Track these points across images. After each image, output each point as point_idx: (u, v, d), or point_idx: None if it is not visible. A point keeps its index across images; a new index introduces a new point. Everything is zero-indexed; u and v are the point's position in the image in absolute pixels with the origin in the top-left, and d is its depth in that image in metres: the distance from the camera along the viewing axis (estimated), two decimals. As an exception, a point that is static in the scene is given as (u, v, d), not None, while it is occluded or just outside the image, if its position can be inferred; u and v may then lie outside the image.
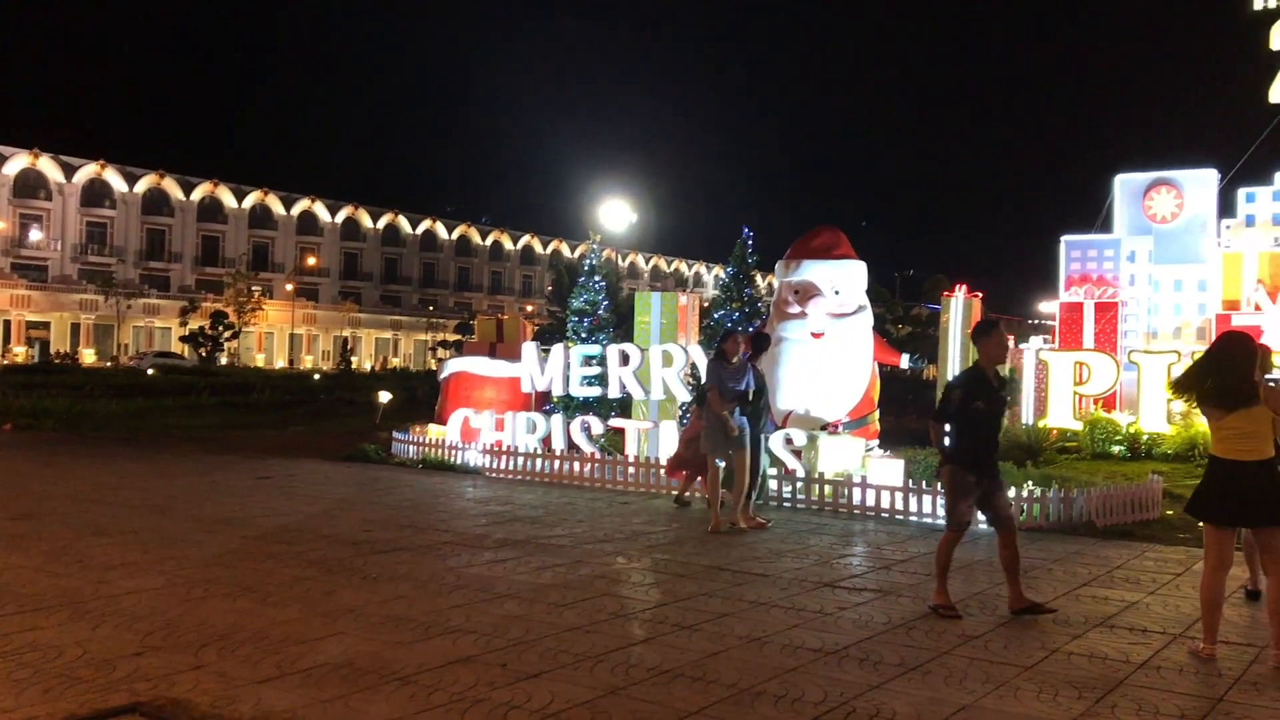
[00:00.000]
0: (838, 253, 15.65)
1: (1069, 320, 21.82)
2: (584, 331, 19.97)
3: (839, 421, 15.02)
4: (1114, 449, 18.34)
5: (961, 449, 7.76)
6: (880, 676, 6.09)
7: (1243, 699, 5.81)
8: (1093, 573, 9.37)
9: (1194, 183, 21.95)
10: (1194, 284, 21.61)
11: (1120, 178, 22.68)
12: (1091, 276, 22.36)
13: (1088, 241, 22.74)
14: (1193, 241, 21.74)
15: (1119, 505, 12.29)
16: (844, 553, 10.25)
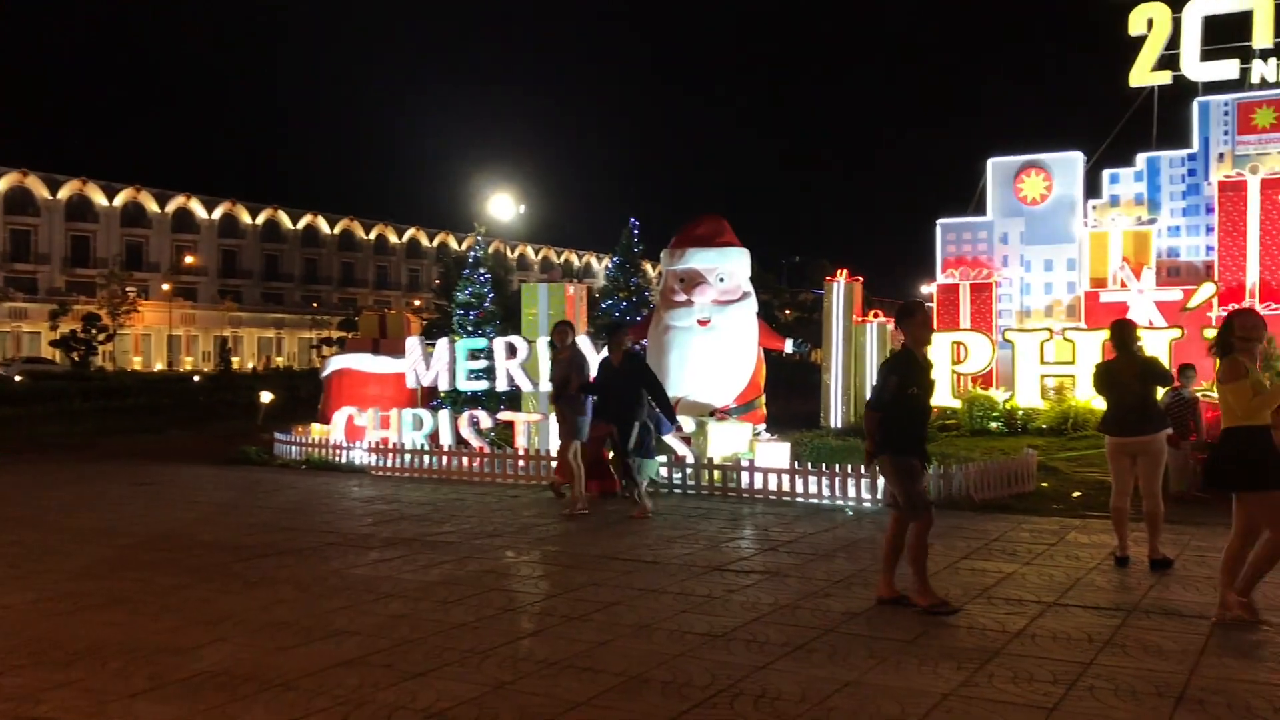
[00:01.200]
0: (721, 240, 15.78)
1: (946, 301, 22.42)
2: (470, 325, 19.77)
3: (727, 407, 15.17)
4: (992, 425, 18.91)
5: (901, 435, 7.45)
6: (766, 657, 6.17)
7: (1110, 662, 6.03)
8: (971, 546, 9.65)
9: (1061, 165, 22.73)
10: (1063, 263, 22.39)
11: (992, 161, 23.34)
12: (966, 258, 23.00)
13: (962, 224, 23.37)
14: (1061, 222, 22.51)
15: (996, 479, 12.67)
16: (732, 536, 10.35)
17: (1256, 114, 20.99)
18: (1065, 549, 9.51)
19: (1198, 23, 21.47)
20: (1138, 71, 22.02)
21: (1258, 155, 20.84)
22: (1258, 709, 5.19)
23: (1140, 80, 22.01)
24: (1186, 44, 21.52)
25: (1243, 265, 20.13)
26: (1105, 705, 5.28)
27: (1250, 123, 21.05)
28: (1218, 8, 21.43)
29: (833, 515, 11.61)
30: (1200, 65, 21.46)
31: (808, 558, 9.20)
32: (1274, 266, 19.83)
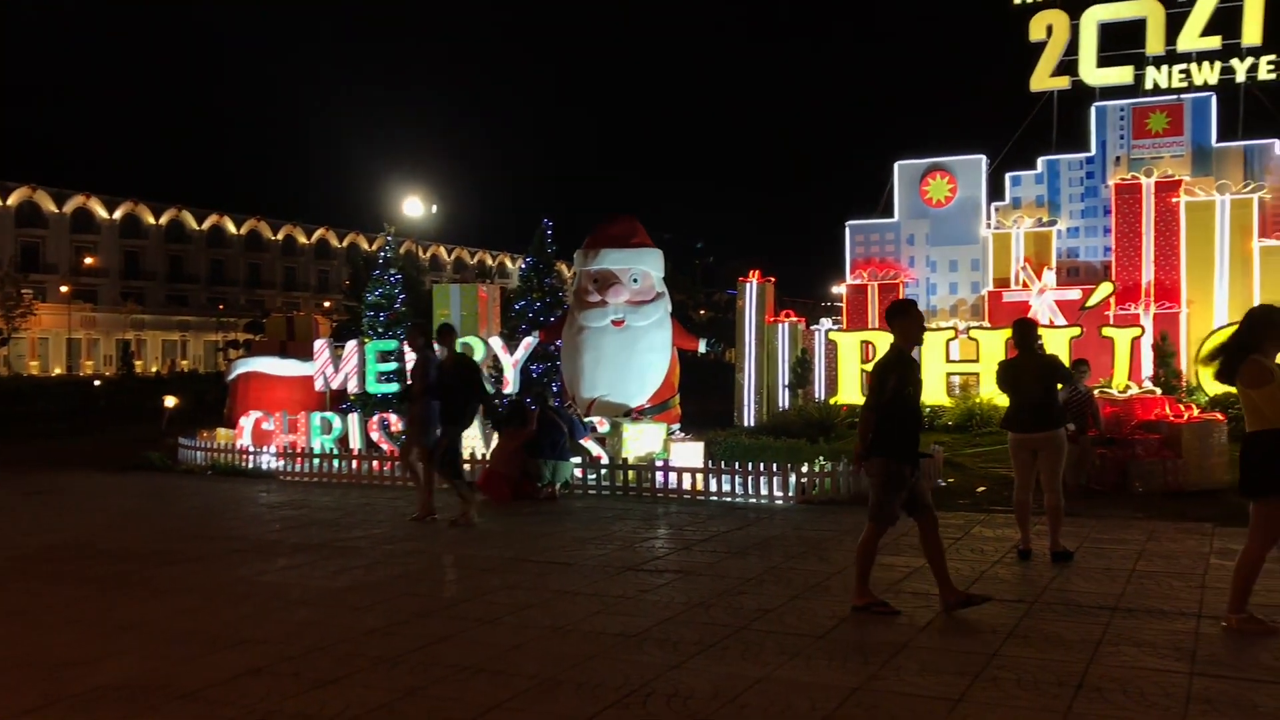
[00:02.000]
0: (635, 241, 15.82)
1: (855, 301, 22.79)
2: (380, 326, 19.51)
3: (641, 407, 15.21)
4: (900, 423, 19.24)
5: (895, 440, 7.20)
6: (680, 656, 6.20)
7: (1014, 651, 6.19)
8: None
9: (965, 168, 23.26)
10: (968, 264, 22.92)
11: (899, 164, 23.79)
12: (875, 259, 23.41)
13: (870, 226, 23.78)
14: (965, 224, 23.03)
15: (904, 476, 12.89)
16: (647, 536, 10.38)
17: (1150, 119, 21.72)
18: (970, 543, 9.73)
19: (1094, 30, 22.14)
20: (1038, 76, 22.62)
21: (1152, 159, 21.56)
22: (1151, 695, 5.37)
23: (1040, 85, 22.62)
24: (1084, 50, 22.17)
25: (1138, 265, 20.81)
26: (1008, 695, 5.41)
27: (1145, 127, 21.77)
28: (1113, 15, 22.12)
29: (746, 513, 11.71)
30: (1097, 71, 22.12)
31: (721, 556, 9.27)
32: (1168, 267, 20.54)
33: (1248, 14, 20.99)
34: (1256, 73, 20.97)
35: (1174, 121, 21.53)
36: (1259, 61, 20.97)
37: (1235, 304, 19.79)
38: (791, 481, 12.47)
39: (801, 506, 12.15)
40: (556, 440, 13.13)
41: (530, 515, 11.81)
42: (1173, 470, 12.57)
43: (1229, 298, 19.94)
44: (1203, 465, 12.71)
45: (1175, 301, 20.11)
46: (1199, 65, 21.32)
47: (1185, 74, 21.43)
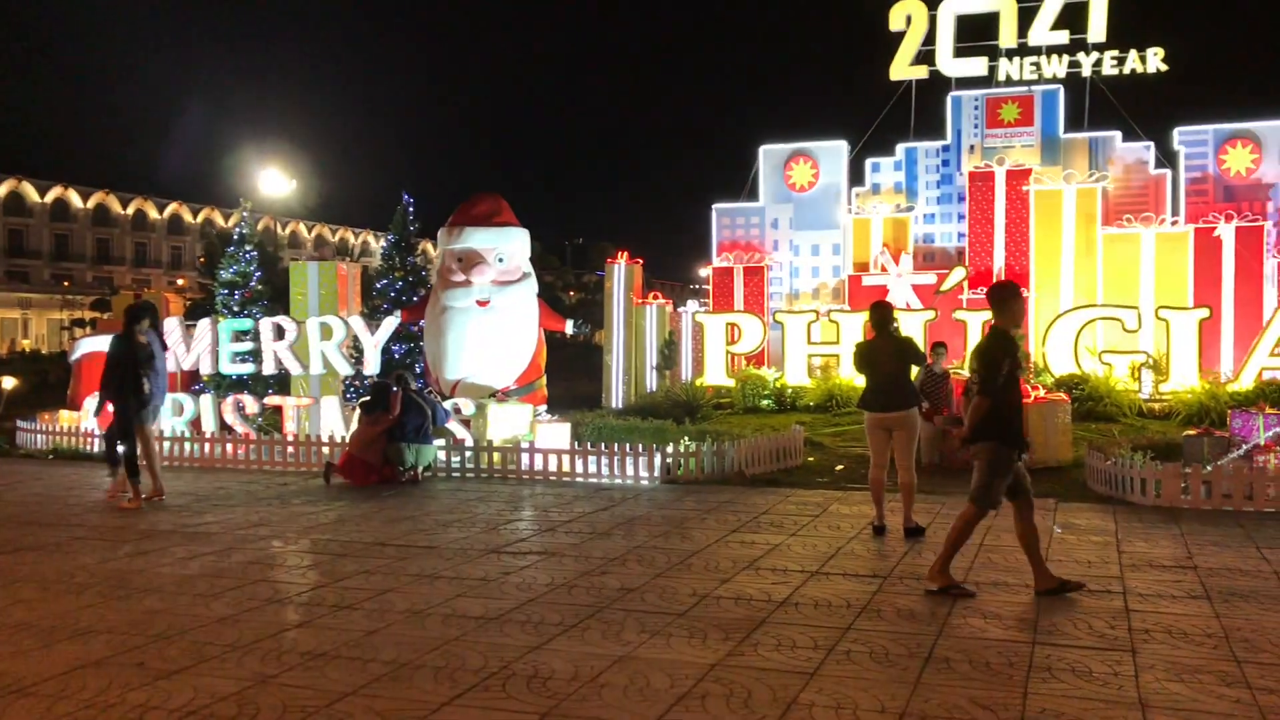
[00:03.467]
0: (500, 220, 15.63)
1: (721, 284, 23.05)
2: (235, 305, 18.87)
3: (507, 388, 15.08)
4: (763, 403, 19.58)
5: (1005, 424, 7.05)
6: (541, 637, 6.16)
7: (867, 625, 6.35)
8: (741, 519, 9.95)
9: (827, 154, 23.71)
10: (829, 248, 23.40)
11: (763, 149, 24.11)
12: (740, 242, 23.70)
13: (736, 209, 24.06)
14: (827, 209, 23.50)
15: (766, 455, 13.13)
16: (511, 518, 10.30)
17: (1003, 109, 22.50)
18: (828, 520, 9.94)
19: (951, 21, 22.79)
20: (897, 65, 23.18)
21: (1004, 148, 22.35)
22: (996, 665, 5.57)
23: (900, 74, 23.19)
24: (941, 41, 22.81)
25: (990, 251, 21.57)
26: (861, 668, 5.54)
27: (998, 117, 22.54)
28: (969, 7, 22.80)
29: (612, 494, 11.73)
30: (953, 61, 22.79)
31: (585, 537, 9.26)
32: (1018, 253, 21.34)
33: (1093, 11, 21.91)
34: (1101, 67, 21.91)
35: (1025, 112, 22.35)
36: (1103, 57, 21.92)
37: (1080, 289, 20.71)
38: (657, 462, 12.55)
39: (667, 486, 12.24)
40: (419, 424, 12.92)
41: (391, 499, 11.60)
42: (1020, 448, 13.06)
43: (1074, 283, 20.84)
44: (1048, 444, 13.27)
45: (1025, 286, 20.92)
46: (1048, 58, 22.17)
47: (1036, 67, 22.25)
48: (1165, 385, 17.87)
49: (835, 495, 11.44)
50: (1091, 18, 21.90)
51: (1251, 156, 20.75)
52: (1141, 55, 21.75)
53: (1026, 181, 21.25)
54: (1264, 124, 20.99)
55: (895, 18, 23.11)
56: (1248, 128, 21.03)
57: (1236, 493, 10.26)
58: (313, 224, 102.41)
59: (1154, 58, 21.69)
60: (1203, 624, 6.29)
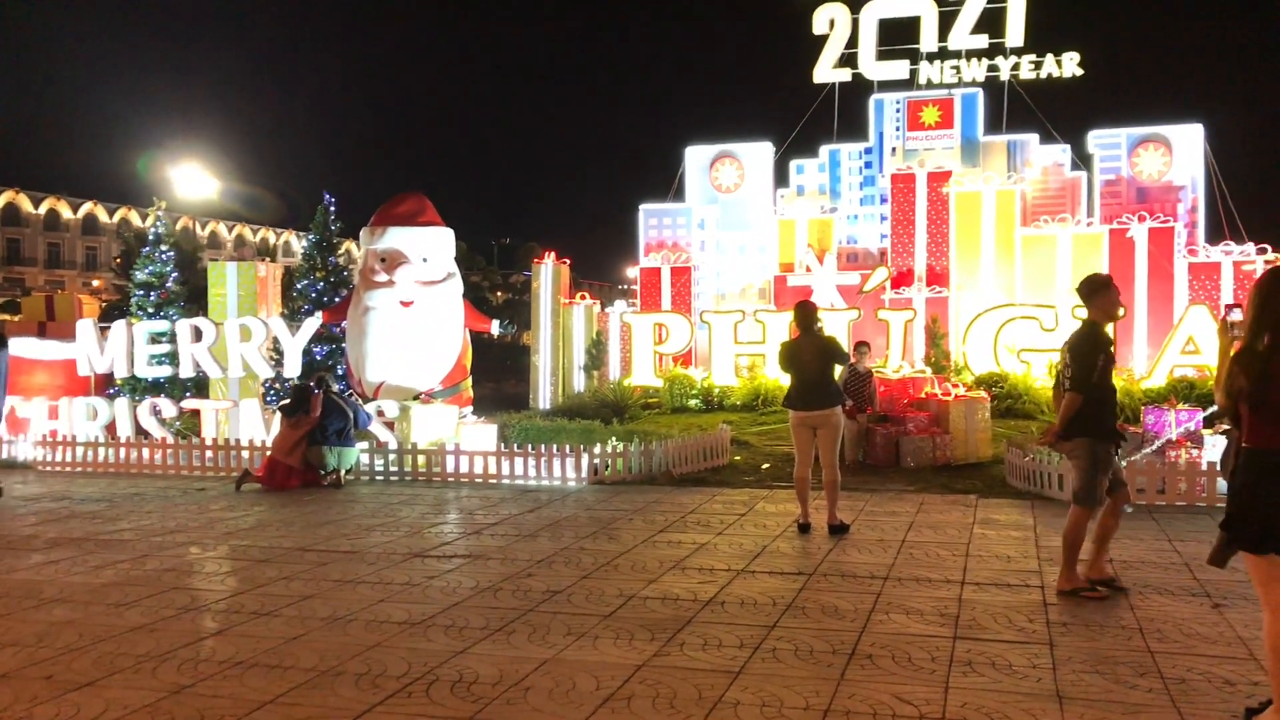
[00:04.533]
0: (424, 219, 15.46)
1: (649, 284, 23.07)
2: (151, 306, 18.42)
3: (432, 390, 14.92)
4: (691, 403, 19.64)
5: (1100, 419, 6.94)
6: (465, 642, 6.09)
7: (793, 623, 6.38)
8: (669, 519, 9.95)
9: (753, 155, 23.86)
10: (755, 248, 23.54)
11: (689, 150, 24.19)
12: (668, 243, 23.74)
13: (663, 210, 24.10)
14: (754, 209, 23.64)
15: (693, 454, 13.16)
16: (436, 521, 10.18)
17: (924, 112, 22.85)
18: (754, 518, 9.99)
19: (874, 24, 23.08)
20: (821, 68, 23.41)
21: (925, 150, 22.68)
22: (918, 660, 5.63)
23: (823, 76, 23.42)
24: (864, 44, 23.09)
25: (911, 252, 21.87)
26: (786, 665, 5.56)
27: (919, 120, 22.88)
28: (891, 11, 23.10)
29: (539, 495, 11.66)
30: (875, 64, 23.08)
31: (512, 539, 9.18)
32: (939, 253, 21.67)
33: (1010, 16, 22.34)
34: (1019, 71, 22.35)
35: (945, 115, 22.71)
36: (1021, 61, 22.37)
37: (1000, 288, 21.09)
38: (584, 463, 12.50)
39: (594, 487, 12.21)
40: (340, 427, 12.73)
41: (313, 503, 11.40)
42: (941, 446, 13.29)
43: (994, 282, 21.23)
44: (968, 440, 13.49)
45: (945, 286, 21.26)
46: (968, 62, 22.55)
47: (956, 70, 22.62)
48: (1082, 382, 18.27)
49: (761, 494, 11.50)
50: (1009, 22, 22.33)
51: (1163, 159, 21.33)
52: (1058, 59, 22.23)
53: (947, 183, 21.60)
54: (1174, 127, 21.59)
55: (818, 20, 23.34)
56: (1159, 131, 21.61)
57: (1149, 487, 10.53)
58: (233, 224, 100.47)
59: (1070, 62, 22.18)
60: (1117, 615, 6.43)
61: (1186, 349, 17.80)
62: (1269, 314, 4.56)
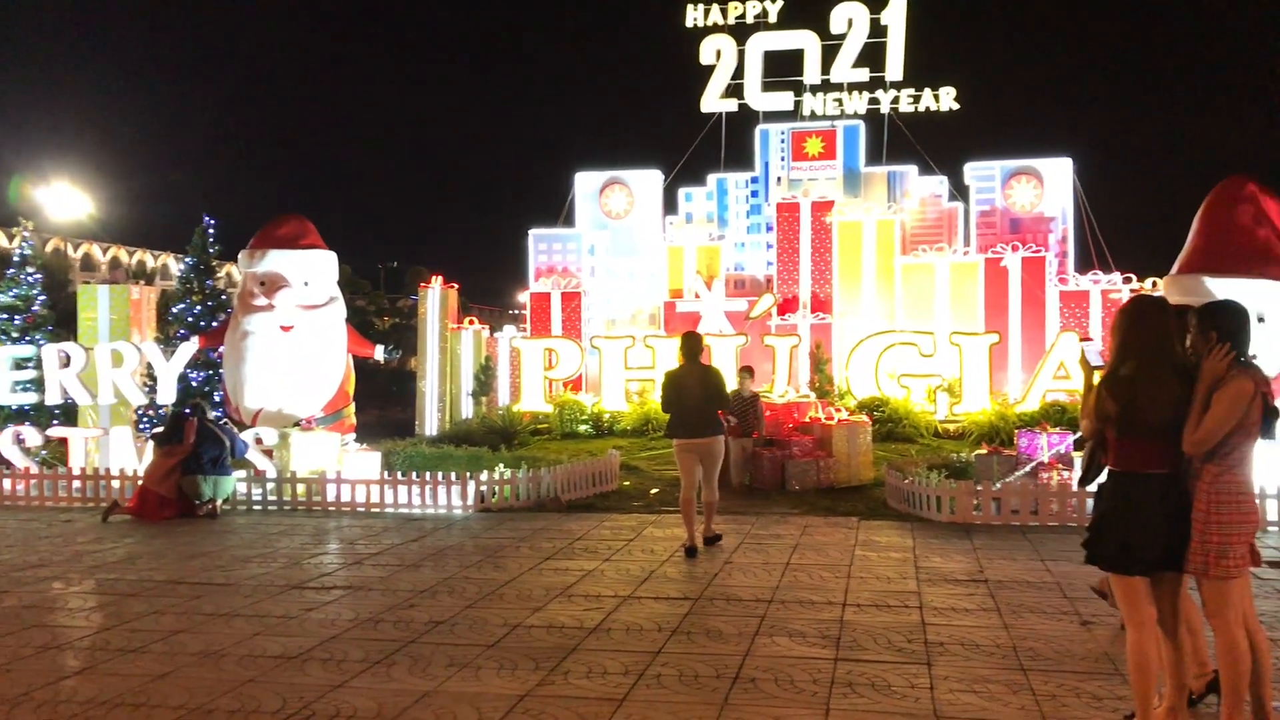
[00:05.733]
0: (305, 242, 15.12)
1: (539, 309, 22.97)
2: (15, 331, 17.62)
3: (313, 417, 14.56)
4: (581, 428, 19.57)
5: None
6: (344, 675, 5.93)
7: (678, 648, 6.37)
8: (556, 546, 9.88)
9: (642, 182, 24.01)
10: (645, 274, 23.63)
11: (579, 175, 24.20)
12: (558, 268, 23.70)
13: (553, 235, 24.06)
14: (643, 235, 23.77)
15: (581, 480, 13.11)
16: (315, 552, 9.92)
17: (808, 142, 23.30)
18: (642, 544, 9.98)
19: (759, 56, 23.48)
20: (708, 97, 23.71)
21: (809, 180, 23.12)
22: (800, 682, 5.67)
23: (710, 106, 23.72)
24: (749, 75, 23.46)
25: (797, 279, 22.25)
26: (670, 692, 5.55)
27: (803, 150, 23.32)
28: (776, 44, 23.53)
29: (423, 524, 11.46)
30: (761, 95, 23.46)
31: (394, 569, 9.00)
32: (822, 281, 22.08)
33: (890, 51, 22.97)
34: (898, 104, 22.98)
35: (828, 146, 23.21)
36: (900, 94, 23.00)
37: (881, 315, 21.57)
38: (471, 490, 12.34)
39: (481, 515, 12.05)
40: (216, 455, 12.34)
41: (186, 535, 11.01)
42: (825, 469, 13.49)
43: (875, 309, 21.72)
44: (850, 464, 13.73)
45: (829, 312, 21.67)
46: (850, 95, 23.09)
47: (839, 102, 23.14)
48: (959, 407, 18.76)
49: (649, 519, 11.50)
50: (889, 57, 22.95)
51: (1035, 191, 22.12)
52: (935, 94, 22.92)
53: (830, 213, 22.04)
54: (1045, 161, 22.42)
55: (705, 51, 23.65)
56: (1031, 164, 22.42)
57: (1023, 508, 10.85)
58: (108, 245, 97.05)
59: (946, 96, 22.89)
60: (992, 635, 6.59)
61: (1058, 374, 18.43)
62: (1134, 340, 4.76)
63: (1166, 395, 4.62)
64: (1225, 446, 4.54)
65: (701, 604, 7.51)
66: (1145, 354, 4.71)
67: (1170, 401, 4.61)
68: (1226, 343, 4.59)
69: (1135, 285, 19.86)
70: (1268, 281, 11.49)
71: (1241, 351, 4.63)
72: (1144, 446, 4.66)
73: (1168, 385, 4.64)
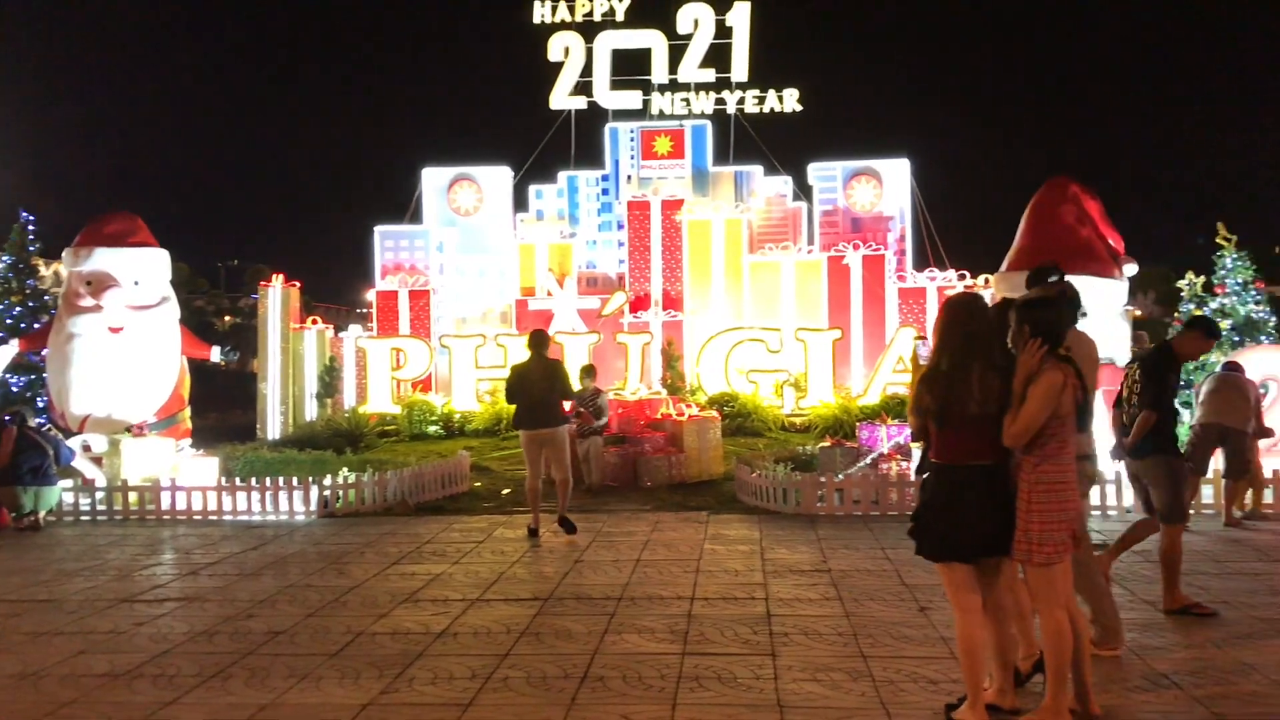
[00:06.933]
0: (135, 240, 14.43)
1: (385, 308, 22.48)
2: None
3: (145, 423, 13.92)
4: (431, 429, 19.24)
5: (1173, 437, 7.08)
6: (175, 691, 5.67)
7: (526, 650, 6.31)
8: (403, 550, 9.68)
9: (491, 179, 23.76)
10: (496, 272, 23.40)
11: (426, 171, 23.80)
12: (405, 265, 23.25)
13: (400, 232, 23.59)
14: (494, 233, 23.52)
15: (430, 482, 12.90)
16: (148, 563, 9.48)
17: (657, 141, 23.47)
18: (492, 545, 9.87)
19: (607, 54, 23.52)
20: (557, 95, 23.63)
21: (659, 179, 23.28)
22: (648, 678, 5.69)
23: (559, 103, 23.65)
24: (598, 73, 23.48)
25: (648, 277, 22.39)
26: (518, 694, 5.49)
27: (652, 149, 23.47)
28: (624, 42, 23.62)
29: (264, 531, 11.08)
30: (610, 94, 23.52)
31: (232, 579, 8.67)
32: (673, 278, 22.28)
33: (735, 53, 23.33)
34: (744, 105, 23.36)
35: (677, 145, 23.42)
36: (746, 95, 23.40)
37: (731, 312, 21.90)
38: (314, 495, 12.00)
39: (325, 521, 11.73)
40: (38, 464, 11.67)
41: (4, 550, 10.38)
42: (676, 465, 13.62)
43: (725, 307, 22.03)
44: (701, 459, 13.89)
45: (680, 310, 21.88)
46: (697, 95, 23.36)
47: (686, 102, 23.37)
48: (805, 401, 19.20)
49: (500, 520, 11.39)
50: (734, 58, 23.30)
51: (875, 191, 22.80)
52: (779, 95, 23.38)
53: (679, 211, 22.25)
54: (884, 162, 23.13)
55: (554, 48, 23.57)
56: (870, 165, 23.10)
57: (865, 499, 11.17)
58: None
59: (790, 98, 23.38)
60: (835, 624, 6.74)
61: (897, 368, 19.04)
62: (950, 338, 4.95)
63: (984, 389, 4.82)
64: (1041, 438, 4.74)
65: (551, 604, 7.46)
66: (961, 349, 4.90)
67: (988, 395, 4.81)
68: (1039, 337, 4.80)
69: (969, 282, 20.69)
70: (1089, 278, 12.09)
71: (1055, 345, 4.84)
72: (963, 439, 4.85)
73: (985, 379, 4.84)
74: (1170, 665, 5.77)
